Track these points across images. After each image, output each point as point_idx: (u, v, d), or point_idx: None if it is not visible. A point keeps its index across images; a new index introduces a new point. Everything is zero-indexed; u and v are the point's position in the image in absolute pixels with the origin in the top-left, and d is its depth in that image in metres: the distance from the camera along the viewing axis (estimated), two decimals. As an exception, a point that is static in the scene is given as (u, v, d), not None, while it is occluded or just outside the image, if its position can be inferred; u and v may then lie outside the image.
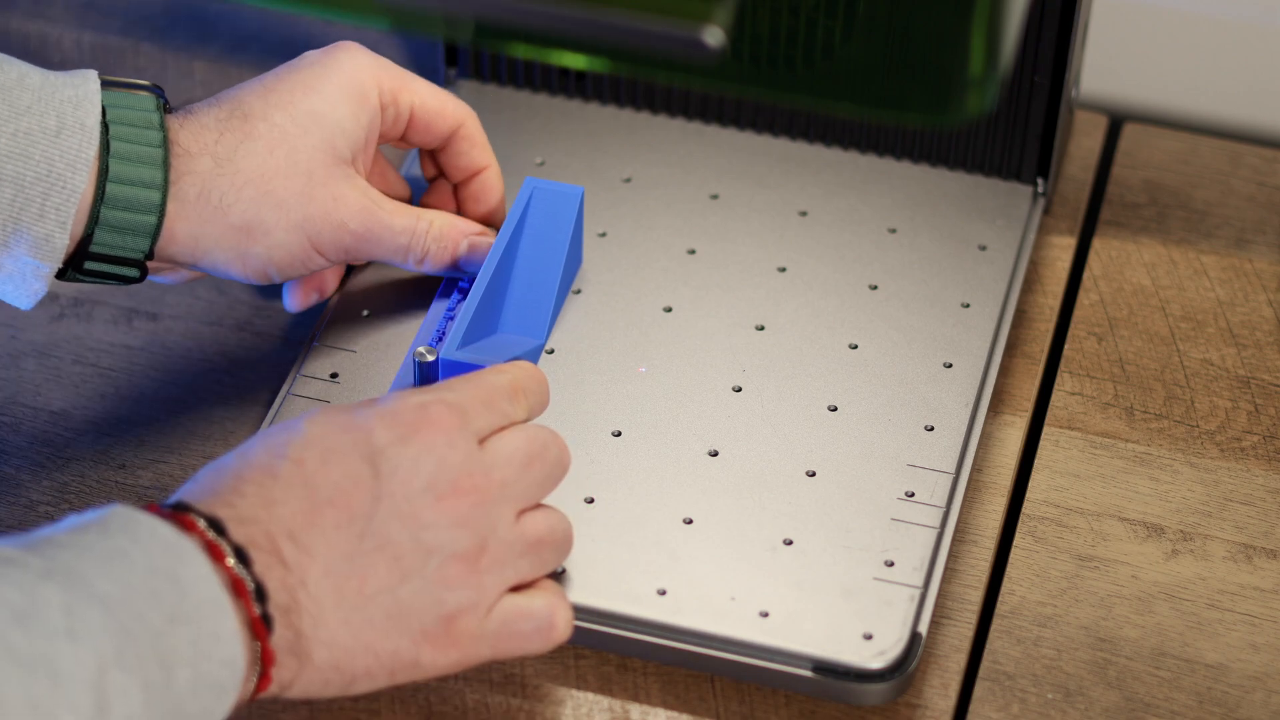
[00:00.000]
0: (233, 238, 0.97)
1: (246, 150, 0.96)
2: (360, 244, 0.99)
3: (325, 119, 0.98)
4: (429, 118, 1.02)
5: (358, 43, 1.01)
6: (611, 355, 1.04)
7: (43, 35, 1.23)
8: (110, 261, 0.96)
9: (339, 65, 0.99)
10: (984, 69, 0.82)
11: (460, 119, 1.03)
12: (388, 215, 1.00)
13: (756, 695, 0.94)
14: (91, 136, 0.93)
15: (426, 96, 1.02)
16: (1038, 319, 1.09)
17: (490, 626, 0.87)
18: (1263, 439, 1.04)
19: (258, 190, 0.96)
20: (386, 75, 1.00)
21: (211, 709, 0.80)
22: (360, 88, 0.99)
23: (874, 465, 0.99)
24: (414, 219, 1.01)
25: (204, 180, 0.96)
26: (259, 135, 0.97)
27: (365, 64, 1.00)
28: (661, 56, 0.81)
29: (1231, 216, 1.15)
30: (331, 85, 0.99)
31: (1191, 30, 1.22)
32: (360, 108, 0.99)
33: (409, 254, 1.01)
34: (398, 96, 1.01)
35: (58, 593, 0.77)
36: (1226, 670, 0.95)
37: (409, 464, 0.85)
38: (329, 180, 0.98)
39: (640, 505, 0.97)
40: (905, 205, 1.12)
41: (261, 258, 0.98)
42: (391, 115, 1.01)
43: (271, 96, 0.98)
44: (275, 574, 0.83)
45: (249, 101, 0.98)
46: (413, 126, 1.02)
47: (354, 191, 0.99)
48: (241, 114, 0.97)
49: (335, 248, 0.99)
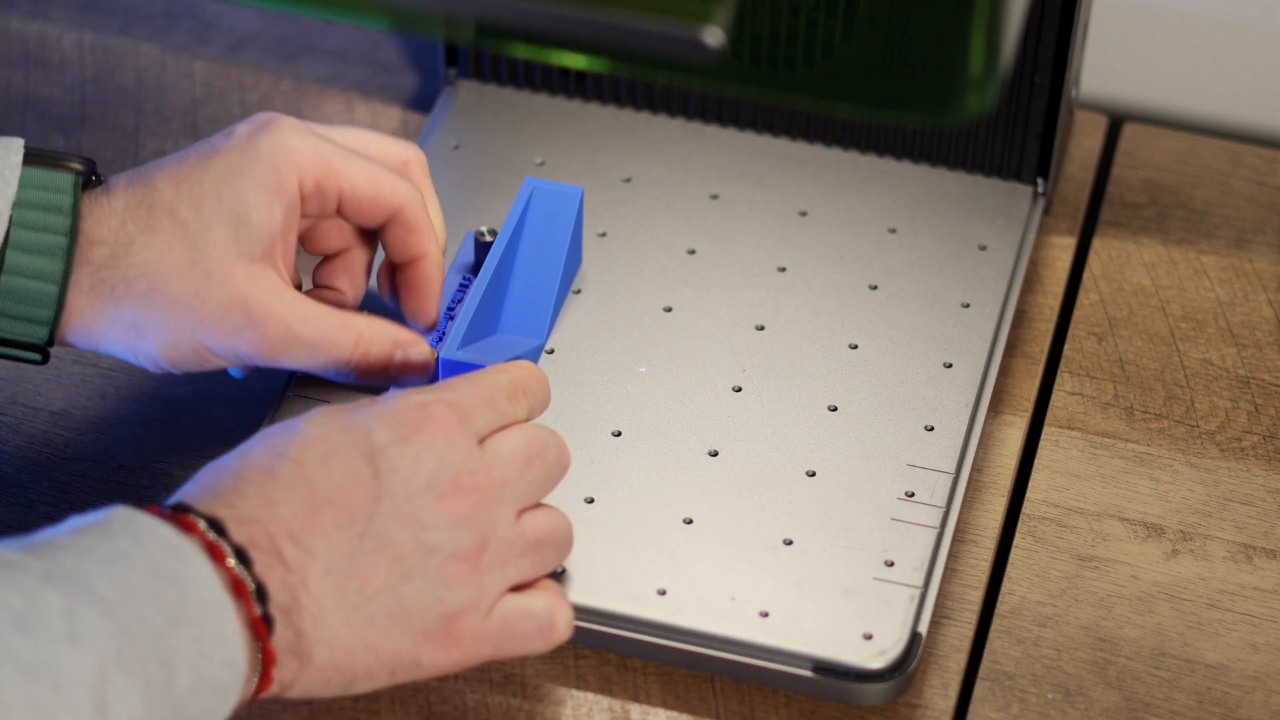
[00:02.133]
0: (121, 331, 0.92)
1: (144, 243, 0.91)
2: (262, 353, 0.92)
3: (233, 214, 0.91)
4: (360, 203, 0.94)
5: (291, 117, 0.94)
6: (611, 355, 1.04)
7: (43, 35, 1.23)
8: (9, 345, 0.93)
9: (258, 152, 0.92)
10: (984, 69, 0.82)
11: (395, 205, 0.95)
12: (299, 323, 0.92)
13: (756, 695, 0.94)
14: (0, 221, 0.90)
15: (358, 181, 0.94)
16: (1038, 319, 1.09)
17: (491, 626, 0.87)
18: (1263, 439, 1.04)
19: (148, 286, 0.91)
20: (312, 160, 0.92)
21: (213, 710, 0.80)
22: (278, 177, 0.91)
23: (874, 465, 0.99)
24: (338, 329, 0.93)
25: (98, 270, 0.91)
26: (160, 228, 0.91)
27: (288, 148, 0.92)
28: (661, 56, 0.81)
29: (1231, 216, 1.15)
30: (246, 177, 0.91)
31: (1191, 30, 1.22)
32: (275, 199, 0.91)
33: (329, 368, 0.94)
34: (324, 183, 0.93)
35: (59, 596, 0.77)
36: (1226, 670, 0.95)
37: (409, 463, 0.85)
38: (228, 282, 0.91)
39: (640, 505, 0.97)
40: (905, 205, 1.12)
41: (151, 355, 0.93)
42: (316, 203, 0.93)
43: (184, 186, 0.91)
44: (276, 574, 0.83)
45: (161, 188, 0.92)
46: (344, 209, 0.95)
47: (257, 294, 0.91)
48: (149, 203, 0.91)
49: (231, 354, 0.93)
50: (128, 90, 1.21)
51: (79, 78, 1.21)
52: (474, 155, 1.14)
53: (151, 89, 1.21)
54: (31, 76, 1.21)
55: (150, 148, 1.17)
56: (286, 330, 0.92)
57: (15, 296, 0.92)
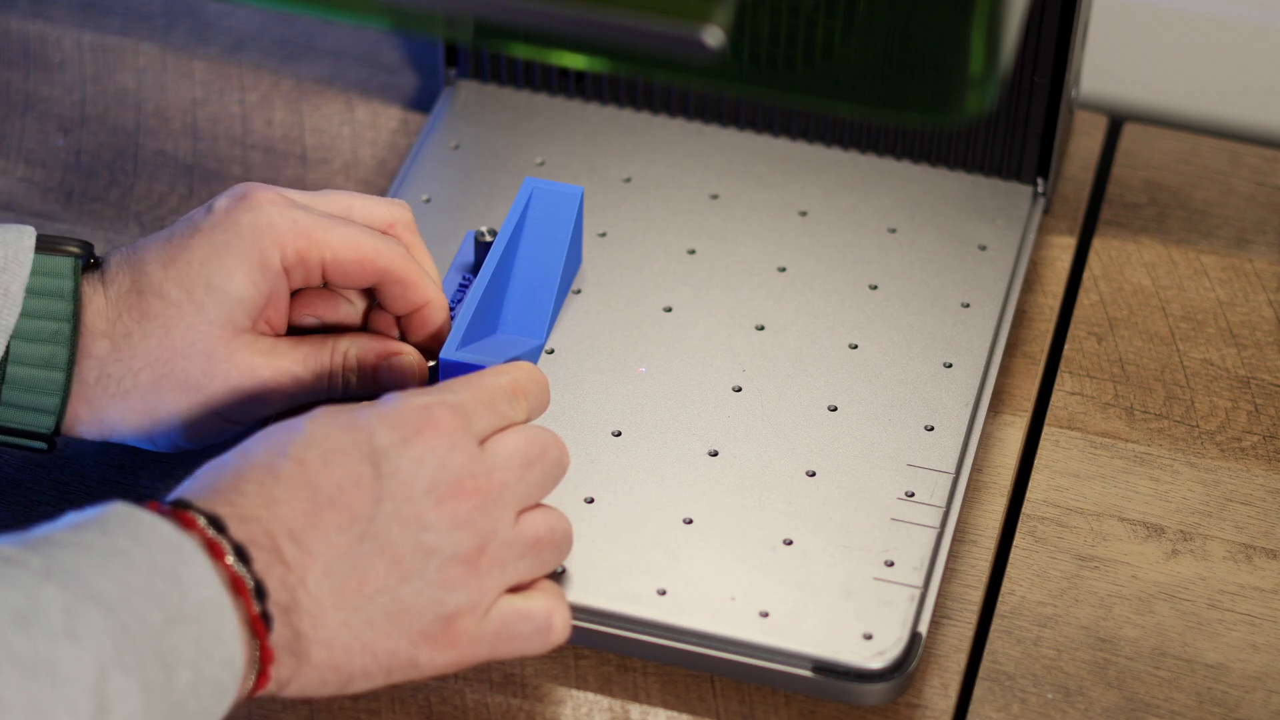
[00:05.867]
0: (136, 418, 0.94)
1: (143, 332, 0.93)
2: (273, 405, 0.96)
3: (222, 294, 0.93)
4: (344, 270, 0.96)
5: (269, 188, 0.95)
6: (611, 355, 1.04)
7: (43, 35, 1.23)
8: (16, 434, 0.94)
9: (239, 229, 0.93)
10: (984, 69, 0.82)
11: (382, 268, 0.96)
12: (299, 366, 0.95)
13: (756, 695, 0.94)
14: (15, 303, 0.92)
15: (340, 249, 0.95)
16: (1038, 319, 1.09)
17: (488, 627, 0.87)
18: (1263, 439, 1.04)
19: (155, 374, 0.93)
20: (293, 234, 0.94)
21: (211, 708, 0.80)
22: (261, 254, 0.93)
23: (874, 465, 0.99)
24: (325, 357, 0.96)
25: (101, 365, 0.93)
26: (154, 314, 0.93)
27: (268, 224, 0.94)
28: (661, 56, 0.81)
29: (1231, 216, 1.15)
30: (230, 255, 0.93)
31: (1191, 30, 1.22)
32: (260, 275, 0.94)
33: (330, 394, 0.97)
34: (305, 255, 0.94)
35: (58, 593, 0.77)
36: (1226, 670, 0.95)
37: (411, 465, 0.85)
38: (229, 355, 0.94)
39: (640, 505, 0.97)
40: (905, 205, 1.12)
41: (170, 437, 0.95)
42: (300, 275, 0.95)
43: (171, 268, 0.93)
44: (275, 573, 0.83)
45: (149, 271, 0.93)
46: (329, 276, 0.96)
47: (259, 359, 0.94)
48: (139, 289, 0.93)
49: (250, 417, 0.95)
50: (128, 90, 1.21)
51: (79, 78, 1.21)
52: (474, 155, 1.14)
53: (151, 89, 1.21)
54: (31, 76, 1.21)
55: (150, 148, 1.17)
56: (293, 379, 0.95)
57: (22, 386, 0.93)
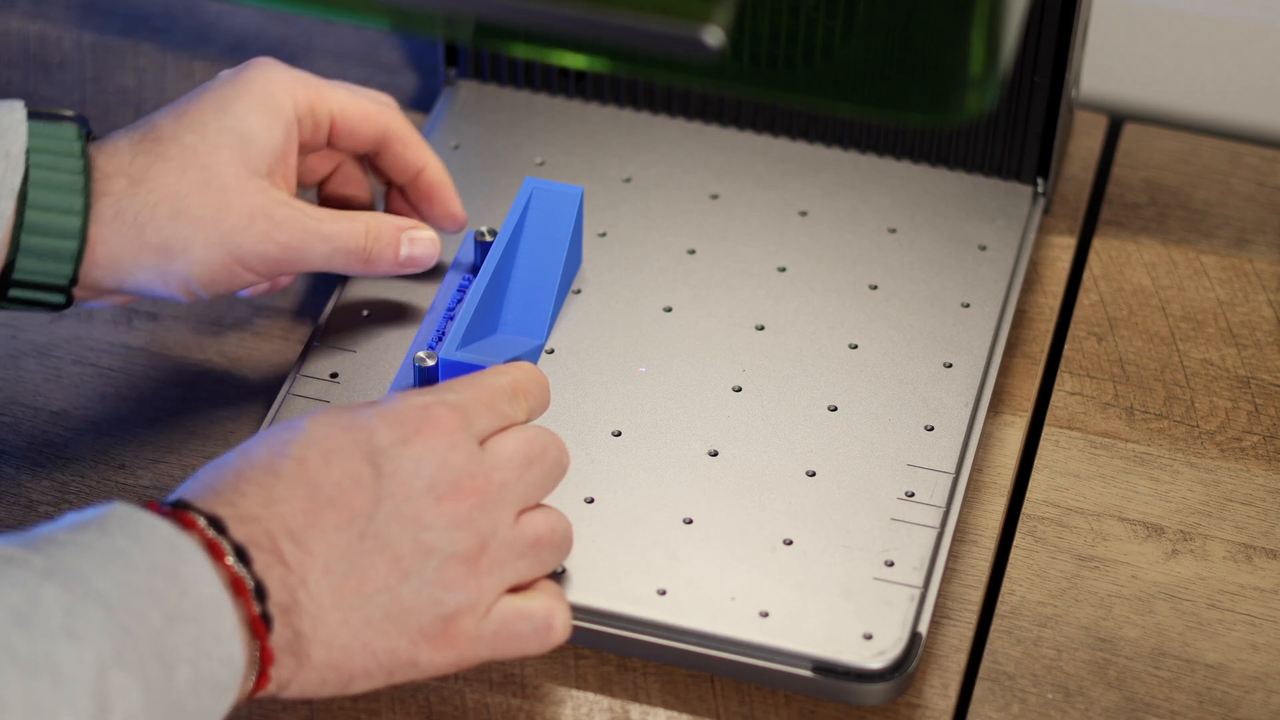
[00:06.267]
0: (151, 257, 0.96)
1: (158, 170, 0.96)
2: (290, 255, 0.98)
3: (237, 135, 0.97)
4: (351, 124, 1.01)
5: (271, 57, 1.01)
6: (611, 355, 1.04)
7: (43, 35, 1.23)
8: (34, 288, 0.96)
9: (250, 82, 0.98)
10: (984, 69, 0.82)
11: (384, 123, 1.02)
12: (315, 222, 0.98)
13: (756, 695, 0.94)
14: (16, 165, 0.94)
15: (346, 104, 1.01)
16: (1038, 319, 1.09)
17: (488, 627, 0.87)
18: (1263, 439, 1.04)
19: (172, 208, 0.96)
20: (301, 87, 1.00)
21: (211, 708, 0.80)
22: (274, 101, 0.98)
23: (874, 465, 0.99)
24: (348, 221, 0.99)
25: (119, 200, 0.95)
26: (170, 155, 0.96)
27: (278, 78, 0.99)
28: (661, 56, 0.81)
29: (1231, 216, 1.15)
30: (243, 102, 0.98)
31: (1191, 30, 1.22)
32: (274, 121, 0.98)
33: (350, 258, 1.00)
34: (314, 106, 1.00)
35: (59, 592, 0.77)
36: (1226, 670, 0.95)
37: (410, 465, 0.85)
38: (245, 194, 0.97)
39: (640, 505, 0.97)
40: (905, 205, 1.12)
41: (182, 275, 0.97)
42: (309, 126, 1.00)
43: (184, 119, 0.97)
44: (275, 573, 0.83)
45: (161, 125, 0.97)
46: (335, 134, 1.01)
47: (274, 203, 0.97)
48: (154, 137, 0.97)
49: (262, 261, 0.97)
50: (128, 90, 1.21)
51: (79, 78, 1.21)
52: (474, 155, 1.14)
53: (151, 89, 1.21)
54: (31, 76, 1.21)
55: (150, 148, 1.17)
56: (305, 228, 0.98)
57: (40, 231, 0.94)
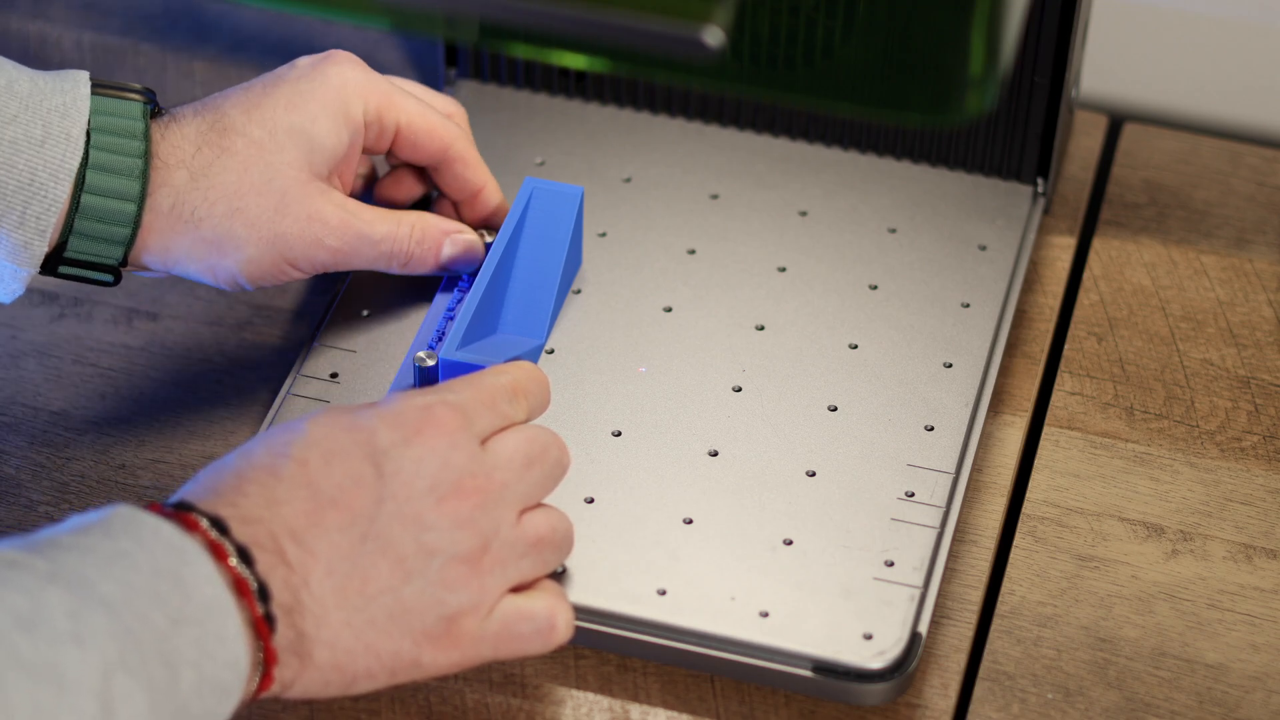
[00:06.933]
0: (203, 250, 0.97)
1: (221, 165, 0.97)
2: (338, 258, 0.99)
3: (304, 136, 0.98)
4: (416, 137, 1.02)
5: (350, 53, 1.01)
6: (611, 355, 1.04)
7: (43, 35, 1.23)
8: (84, 266, 0.97)
9: (326, 80, 0.99)
10: (984, 69, 0.82)
11: (448, 141, 1.02)
12: (366, 226, 0.99)
13: (756, 695, 0.94)
14: (76, 147, 0.94)
15: (414, 116, 1.01)
16: (1038, 319, 1.09)
17: (491, 627, 0.87)
18: (1263, 439, 1.04)
19: (229, 206, 0.97)
20: (374, 91, 1.00)
21: (215, 710, 0.80)
22: (344, 104, 0.99)
23: (874, 465, 0.99)
24: (394, 224, 1.01)
25: (178, 193, 0.96)
26: (235, 151, 0.97)
27: (353, 79, 0.99)
28: (661, 56, 0.81)
29: (1231, 216, 1.15)
30: (315, 102, 0.98)
31: (1191, 30, 1.22)
32: (342, 125, 0.99)
33: (392, 260, 1.01)
34: (383, 114, 1.00)
35: (62, 596, 0.77)
36: (1226, 670, 0.95)
37: (412, 465, 0.85)
38: (304, 198, 0.98)
39: (640, 505, 0.97)
40: (905, 205, 1.12)
41: (231, 270, 0.98)
42: (375, 132, 1.01)
43: (255, 112, 0.98)
44: (278, 574, 0.83)
45: (231, 114, 0.98)
46: (399, 143, 1.02)
47: (330, 207, 0.98)
48: (221, 127, 0.97)
49: (310, 263, 0.99)
50: (128, 90, 1.21)
51: (79, 78, 1.21)
52: (474, 155, 1.14)
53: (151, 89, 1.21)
54: (31, 76, 1.21)
55: (150, 148, 1.17)
56: (357, 233, 0.99)
57: (94, 216, 0.95)
